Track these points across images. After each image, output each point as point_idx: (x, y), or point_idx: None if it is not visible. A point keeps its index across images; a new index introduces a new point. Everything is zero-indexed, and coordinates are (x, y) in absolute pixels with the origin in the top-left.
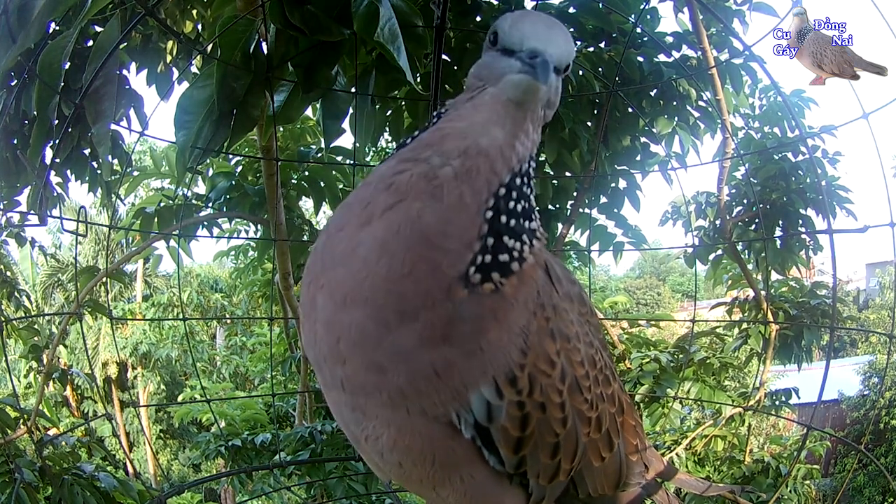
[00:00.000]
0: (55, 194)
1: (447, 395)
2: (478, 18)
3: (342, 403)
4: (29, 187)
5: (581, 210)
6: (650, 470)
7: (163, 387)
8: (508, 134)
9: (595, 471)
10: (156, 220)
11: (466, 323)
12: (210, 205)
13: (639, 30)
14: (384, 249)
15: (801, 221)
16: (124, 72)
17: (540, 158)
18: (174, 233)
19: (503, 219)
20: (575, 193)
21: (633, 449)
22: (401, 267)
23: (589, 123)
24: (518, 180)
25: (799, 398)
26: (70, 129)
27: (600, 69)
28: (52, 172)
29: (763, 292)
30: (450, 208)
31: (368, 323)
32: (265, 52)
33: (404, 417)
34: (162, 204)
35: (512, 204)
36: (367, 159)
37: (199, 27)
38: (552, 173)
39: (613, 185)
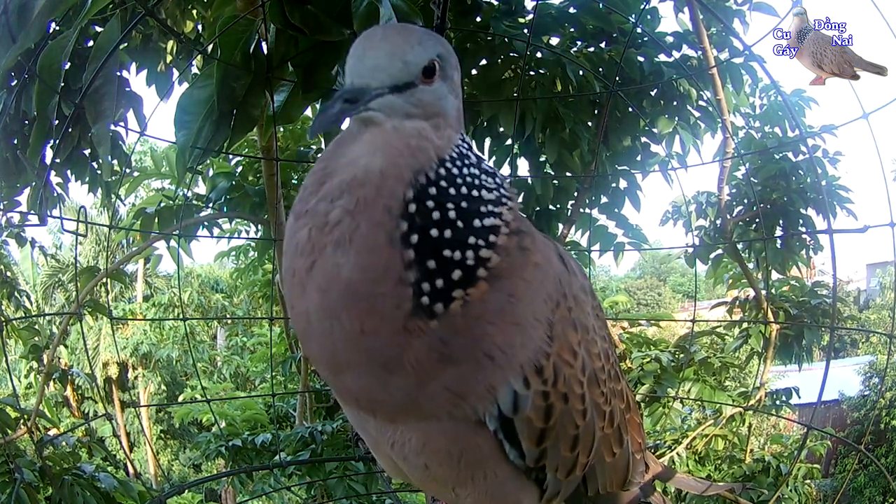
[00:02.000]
0: (55, 194)
1: (472, 399)
2: (478, 18)
3: (364, 417)
4: (29, 187)
5: (582, 210)
6: (648, 471)
7: (163, 387)
8: (383, 157)
9: (606, 467)
10: (156, 220)
11: (453, 343)
12: (210, 205)
13: (639, 30)
14: (328, 316)
15: (801, 221)
16: (124, 73)
17: (541, 159)
18: (174, 233)
19: (434, 233)
20: (575, 193)
21: (638, 447)
22: (351, 327)
23: (589, 123)
24: (434, 189)
25: (799, 398)
26: (70, 129)
27: (600, 69)
28: (52, 172)
29: (763, 292)
30: (359, 252)
31: (366, 383)
32: (265, 52)
33: (433, 423)
34: (162, 204)
35: (437, 214)
36: None
37: (199, 27)
38: (553, 173)
39: (614, 185)
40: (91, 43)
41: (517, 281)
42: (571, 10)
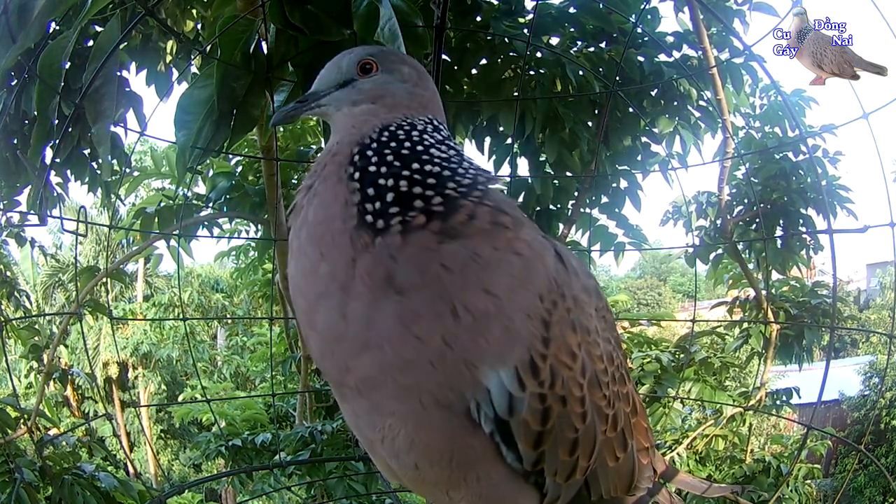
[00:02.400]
0: (55, 194)
1: (446, 371)
2: (478, 18)
3: (356, 407)
4: (29, 187)
5: (582, 210)
6: (657, 475)
7: (163, 387)
8: (339, 134)
9: (609, 471)
10: (156, 220)
11: (400, 264)
12: (210, 205)
13: (639, 30)
14: (301, 254)
15: (801, 221)
16: (124, 73)
17: (541, 158)
18: (174, 233)
19: (371, 168)
20: (576, 193)
21: (645, 451)
22: (314, 255)
23: (589, 123)
24: (375, 143)
25: (800, 398)
26: (70, 129)
27: (601, 69)
28: (52, 172)
29: (763, 292)
30: (319, 195)
31: (329, 316)
32: (265, 52)
33: (419, 411)
34: (162, 204)
35: (376, 158)
36: None
37: (199, 27)
38: (553, 173)
39: (614, 185)
40: (91, 43)
41: (485, 246)
42: (571, 10)
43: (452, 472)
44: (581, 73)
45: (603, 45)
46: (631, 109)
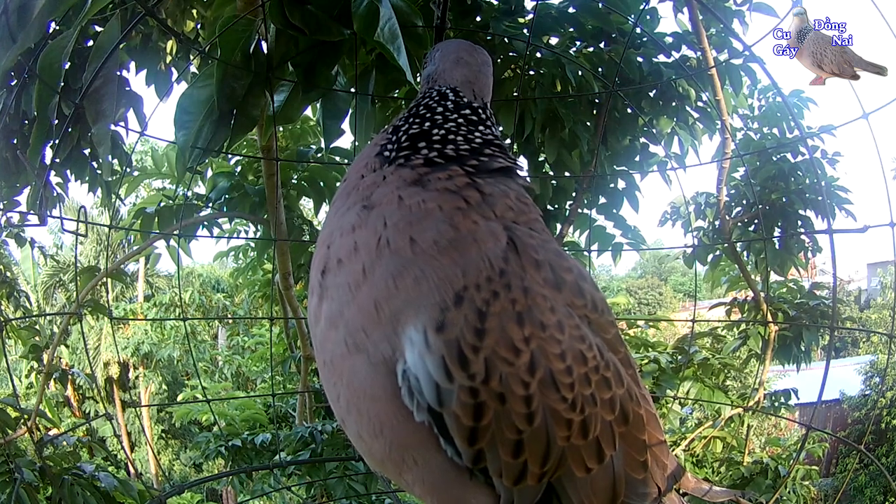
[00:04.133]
0: (55, 194)
1: (360, 302)
2: (478, 18)
3: (326, 377)
4: (29, 187)
5: (580, 210)
6: (664, 493)
7: (164, 387)
8: None
9: (578, 482)
10: (156, 220)
11: (380, 190)
12: (210, 205)
13: (638, 30)
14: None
15: (800, 222)
16: (124, 72)
17: (539, 159)
18: (174, 233)
19: (399, 122)
20: (574, 194)
21: (639, 466)
22: (345, 178)
23: (588, 123)
24: (410, 109)
25: (798, 399)
26: (70, 129)
27: (600, 69)
28: (52, 172)
29: (762, 293)
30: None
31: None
32: (265, 52)
33: (345, 356)
34: (162, 204)
35: (405, 115)
36: None
37: (199, 27)
38: (552, 173)
39: (612, 185)
40: (91, 43)
41: (434, 202)
42: (571, 10)
43: (392, 451)
44: (580, 73)
45: (602, 45)
46: (630, 110)
